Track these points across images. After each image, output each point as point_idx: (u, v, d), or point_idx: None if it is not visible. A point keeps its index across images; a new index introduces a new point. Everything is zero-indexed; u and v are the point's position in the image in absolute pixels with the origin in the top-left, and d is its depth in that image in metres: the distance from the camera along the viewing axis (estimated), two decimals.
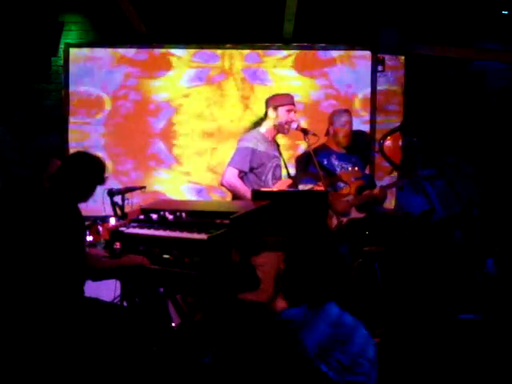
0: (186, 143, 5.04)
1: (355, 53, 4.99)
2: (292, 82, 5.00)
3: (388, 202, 4.80)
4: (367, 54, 4.98)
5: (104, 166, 2.85)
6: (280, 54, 5.00)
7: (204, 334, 3.04)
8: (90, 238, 3.76)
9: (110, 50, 5.01)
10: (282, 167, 4.00)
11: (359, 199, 4.18)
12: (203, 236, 2.50)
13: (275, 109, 3.85)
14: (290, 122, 3.84)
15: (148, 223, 2.94)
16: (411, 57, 4.97)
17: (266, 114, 3.94)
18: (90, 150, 4.20)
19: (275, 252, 3.45)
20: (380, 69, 4.96)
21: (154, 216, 2.96)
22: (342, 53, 4.99)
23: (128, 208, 3.79)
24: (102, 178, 2.83)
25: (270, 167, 3.82)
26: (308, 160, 4.15)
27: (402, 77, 4.99)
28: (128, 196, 3.87)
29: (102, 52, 5.01)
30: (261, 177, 3.78)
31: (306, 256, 2.74)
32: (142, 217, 3.05)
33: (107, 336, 2.56)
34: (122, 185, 4.62)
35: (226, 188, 3.83)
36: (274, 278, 3.57)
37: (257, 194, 3.28)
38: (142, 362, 2.65)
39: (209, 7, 4.93)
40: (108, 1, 4.66)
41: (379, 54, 4.95)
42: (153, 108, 5.04)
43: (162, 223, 2.87)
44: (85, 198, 2.81)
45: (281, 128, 3.88)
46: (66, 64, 4.99)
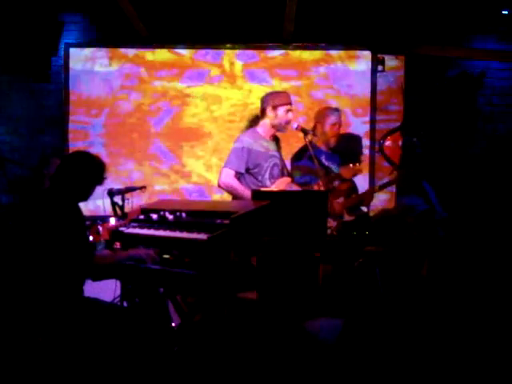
0: (186, 143, 5.04)
1: (355, 53, 4.99)
2: (292, 81, 5.00)
3: (388, 202, 4.82)
4: (367, 54, 4.98)
5: (103, 165, 2.85)
6: (280, 53, 5.01)
7: (204, 333, 3.04)
8: (90, 238, 3.76)
9: (109, 50, 5.01)
10: (280, 164, 3.97)
11: (349, 201, 4.19)
12: (203, 236, 2.50)
13: (274, 108, 3.80)
14: (289, 122, 3.83)
15: (148, 223, 2.94)
16: (411, 57, 4.97)
17: (262, 112, 3.86)
18: (90, 150, 4.22)
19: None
20: (380, 69, 4.96)
21: (154, 216, 2.96)
22: (342, 53, 5.00)
23: (128, 208, 3.80)
24: (101, 178, 2.82)
25: (267, 167, 3.79)
26: (304, 158, 4.13)
27: (402, 77, 4.99)
28: (128, 196, 3.87)
29: (101, 52, 5.01)
30: (257, 177, 3.76)
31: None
32: (142, 217, 3.05)
33: (107, 336, 2.56)
34: (122, 185, 4.62)
35: (223, 189, 3.82)
36: None
37: (257, 194, 3.28)
38: (141, 362, 2.65)
39: (209, 7, 4.93)
40: (108, 1, 4.66)
41: (379, 54, 4.95)
42: (153, 108, 5.04)
43: (162, 223, 2.87)
44: (84, 198, 2.81)
45: (279, 127, 3.86)
46: (66, 64, 4.99)
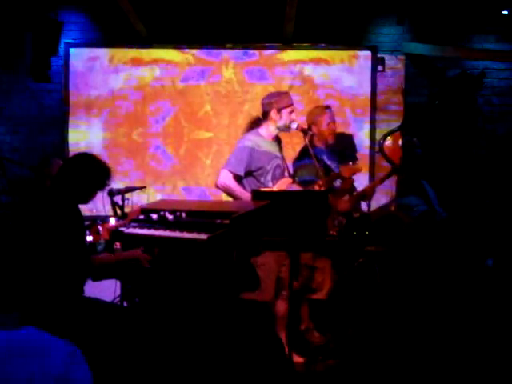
0: (186, 143, 5.04)
1: (355, 53, 4.99)
2: (292, 81, 5.00)
3: (388, 202, 4.81)
4: (367, 54, 4.98)
5: (108, 169, 2.81)
6: (280, 53, 5.01)
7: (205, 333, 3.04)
8: (89, 238, 3.76)
9: (109, 50, 5.01)
10: (282, 165, 3.97)
11: (354, 198, 4.19)
12: (203, 236, 2.50)
13: (279, 111, 3.75)
14: (292, 122, 3.82)
15: (148, 223, 2.94)
16: (411, 57, 4.97)
17: (265, 115, 3.82)
18: (90, 150, 4.22)
19: (275, 252, 3.45)
20: (380, 69, 4.96)
21: (154, 216, 2.96)
22: (342, 53, 4.99)
23: (128, 208, 3.80)
24: (103, 182, 2.79)
25: (270, 169, 3.77)
26: (304, 156, 4.13)
27: (402, 77, 4.99)
28: (128, 196, 3.87)
29: (101, 52, 5.01)
30: (260, 179, 3.74)
31: None
32: (142, 217, 3.05)
33: (107, 337, 2.56)
34: (122, 185, 4.61)
35: (221, 190, 3.82)
36: (275, 277, 3.58)
37: (257, 194, 3.27)
38: (141, 362, 2.65)
39: (209, 7, 4.93)
40: (108, 1, 4.66)
41: (379, 54, 4.95)
42: (153, 108, 5.04)
43: (162, 223, 2.86)
44: (85, 200, 2.80)
45: (283, 129, 3.84)
46: (66, 64, 4.99)
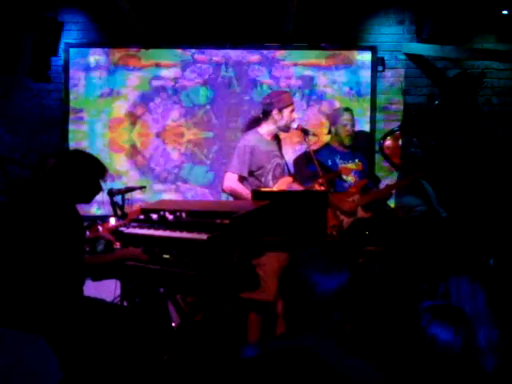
0: (186, 143, 5.04)
1: (355, 53, 4.99)
2: (292, 81, 4.99)
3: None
4: (367, 54, 4.98)
5: (100, 165, 2.79)
6: (280, 53, 5.00)
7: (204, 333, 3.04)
8: (83, 238, 3.74)
9: (109, 50, 5.01)
10: (282, 164, 3.97)
11: (365, 198, 4.13)
12: (203, 236, 2.50)
13: (280, 111, 3.73)
14: (292, 122, 3.82)
15: (148, 223, 2.94)
16: (411, 57, 4.97)
17: (266, 114, 3.80)
18: (90, 150, 4.21)
19: (276, 252, 3.45)
20: (380, 69, 4.96)
21: (154, 216, 2.96)
22: (342, 53, 4.99)
23: (128, 208, 3.80)
24: (95, 177, 2.75)
25: (270, 168, 3.76)
26: (307, 160, 4.13)
27: (401, 77, 4.99)
28: (128, 196, 3.87)
29: (101, 52, 5.01)
30: (260, 179, 3.74)
31: None
32: (142, 217, 3.05)
33: (107, 336, 2.56)
34: (122, 185, 4.62)
35: (228, 193, 3.81)
36: (276, 277, 3.57)
37: (257, 194, 3.28)
38: (141, 362, 2.65)
39: (209, 7, 4.93)
40: (108, 1, 4.66)
41: (379, 54, 4.96)
42: (153, 108, 5.04)
43: (162, 223, 2.87)
44: (83, 199, 2.78)
45: (284, 128, 3.84)
46: (66, 64, 4.99)
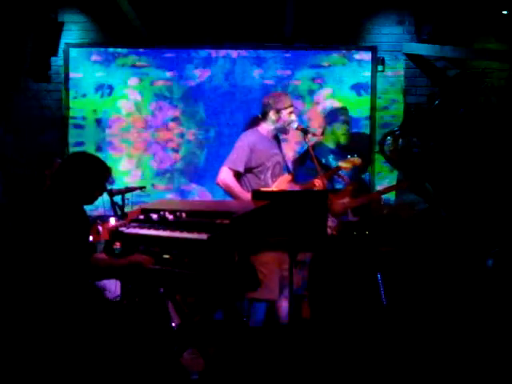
0: (185, 143, 5.04)
1: (355, 53, 4.99)
2: (292, 82, 5.00)
3: (387, 201, 4.80)
4: (367, 54, 4.98)
5: (105, 166, 2.82)
6: (280, 54, 5.00)
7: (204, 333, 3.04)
8: (89, 238, 3.75)
9: (109, 50, 5.01)
10: (282, 163, 3.97)
11: (355, 202, 4.17)
12: (203, 236, 2.50)
13: (278, 112, 3.77)
14: (291, 123, 3.83)
15: (148, 223, 2.93)
16: (411, 57, 4.97)
17: (264, 115, 3.83)
18: (90, 150, 4.23)
19: (276, 252, 3.45)
20: (380, 69, 4.97)
21: (154, 216, 2.95)
22: (342, 53, 5.00)
23: (128, 208, 3.80)
24: (101, 179, 2.80)
25: (270, 166, 3.78)
26: (305, 157, 4.14)
27: (402, 77, 4.99)
28: (128, 196, 3.87)
29: (101, 52, 5.02)
30: (260, 176, 3.76)
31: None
32: (141, 217, 3.04)
33: (107, 336, 2.56)
34: (122, 185, 4.62)
35: (221, 187, 3.82)
36: (278, 276, 3.58)
37: (257, 194, 3.27)
38: (141, 361, 2.65)
39: (209, 7, 4.93)
40: (108, 1, 4.66)
41: (379, 54, 4.96)
42: (153, 108, 5.04)
43: (162, 223, 2.86)
44: (87, 200, 2.79)
45: (282, 130, 3.86)
46: (66, 64, 4.99)
